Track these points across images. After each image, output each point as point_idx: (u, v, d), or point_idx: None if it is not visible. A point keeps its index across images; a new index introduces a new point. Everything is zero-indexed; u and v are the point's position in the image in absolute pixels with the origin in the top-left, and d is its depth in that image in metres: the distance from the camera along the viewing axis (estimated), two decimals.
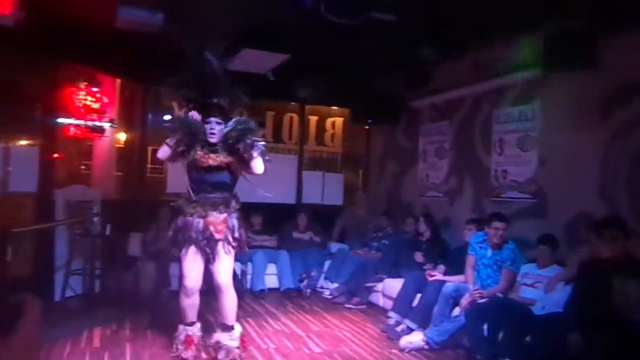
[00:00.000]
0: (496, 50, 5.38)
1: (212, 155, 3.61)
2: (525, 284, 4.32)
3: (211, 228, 3.64)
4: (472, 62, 5.83)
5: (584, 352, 2.78)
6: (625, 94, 4.14)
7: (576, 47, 4.06)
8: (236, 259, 4.16)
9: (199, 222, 3.65)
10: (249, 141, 3.55)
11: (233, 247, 3.73)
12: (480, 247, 4.68)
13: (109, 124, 6.23)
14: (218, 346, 3.74)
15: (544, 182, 4.90)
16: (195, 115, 3.68)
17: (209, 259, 3.69)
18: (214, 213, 3.66)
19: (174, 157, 3.68)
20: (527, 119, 5.12)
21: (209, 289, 3.88)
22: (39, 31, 4.59)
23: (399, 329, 4.69)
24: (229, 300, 3.74)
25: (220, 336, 3.76)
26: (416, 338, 4.35)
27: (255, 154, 3.55)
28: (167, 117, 3.71)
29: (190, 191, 3.67)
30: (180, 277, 3.83)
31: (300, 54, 5.84)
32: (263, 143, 3.66)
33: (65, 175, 6.48)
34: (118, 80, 6.64)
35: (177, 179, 6.90)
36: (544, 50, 4.29)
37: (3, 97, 4.98)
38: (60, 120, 5.71)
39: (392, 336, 4.57)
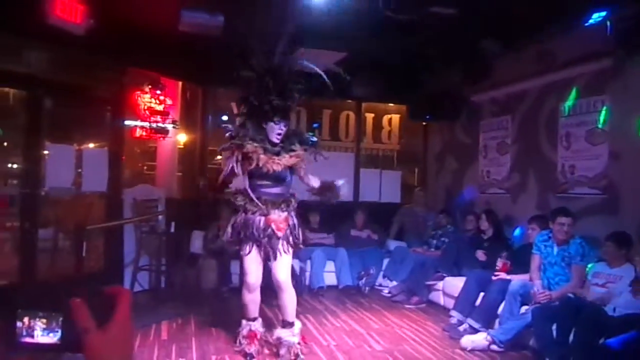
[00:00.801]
0: (560, 39, 5.16)
1: (275, 158, 3.65)
2: (596, 284, 4.12)
3: (273, 226, 3.68)
4: (535, 54, 5.61)
5: None
6: None
7: None
8: (295, 256, 4.25)
9: (261, 220, 3.69)
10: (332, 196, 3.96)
11: (292, 245, 3.79)
12: (545, 245, 4.50)
13: (172, 125, 6.44)
14: (279, 342, 3.79)
15: (616, 177, 4.65)
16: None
17: (268, 257, 3.75)
18: (276, 211, 3.71)
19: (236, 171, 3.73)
20: (596, 111, 4.88)
21: (268, 286, 3.96)
22: (107, 38, 4.82)
23: (461, 328, 4.60)
24: (289, 297, 3.80)
25: (281, 332, 3.81)
26: (479, 337, 4.25)
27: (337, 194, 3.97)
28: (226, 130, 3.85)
29: (249, 190, 3.71)
30: (242, 274, 3.90)
31: (357, 51, 5.83)
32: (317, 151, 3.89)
33: (132, 176, 6.79)
34: (180, 83, 6.85)
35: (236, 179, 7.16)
36: (614, 37, 4.07)
37: (75, 102, 5.28)
38: (127, 122, 5.96)
39: (455, 335, 4.49)
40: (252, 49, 3.72)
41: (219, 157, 7.65)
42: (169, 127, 6.39)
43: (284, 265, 3.76)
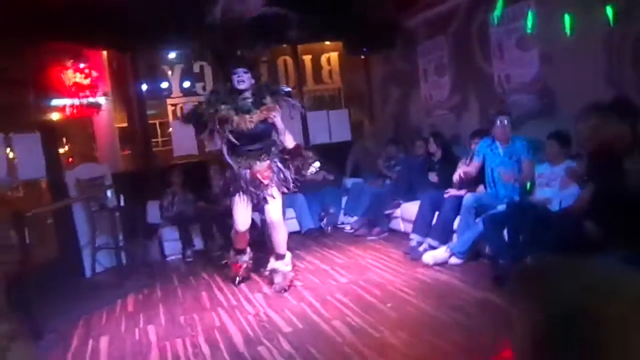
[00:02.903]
0: None
1: (247, 117, 3.94)
2: (540, 184, 4.27)
3: (258, 176, 4.04)
4: None
5: (602, 237, 2.76)
6: None
7: None
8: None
9: (246, 173, 4.04)
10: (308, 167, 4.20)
11: (280, 187, 4.15)
12: (490, 149, 4.59)
13: (104, 98, 6.18)
14: (274, 272, 4.22)
15: (549, 80, 4.74)
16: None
17: (258, 204, 4.15)
18: (258, 162, 4.05)
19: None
20: (524, 16, 4.90)
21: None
22: (15, 14, 4.49)
23: (421, 248, 4.73)
24: (281, 233, 4.23)
25: (275, 264, 4.25)
26: (439, 252, 4.39)
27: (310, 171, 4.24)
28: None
29: (226, 149, 4.03)
30: (233, 221, 4.27)
31: None
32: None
33: (71, 156, 6.54)
34: (104, 53, 6.53)
35: (182, 143, 7.00)
36: None
37: None
38: (54, 101, 5.67)
39: (415, 256, 4.62)
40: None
41: (169, 129, 7.52)
42: (101, 100, 6.12)
43: (276, 207, 4.15)
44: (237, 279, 4.45)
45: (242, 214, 4.16)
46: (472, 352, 2.70)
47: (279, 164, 4.14)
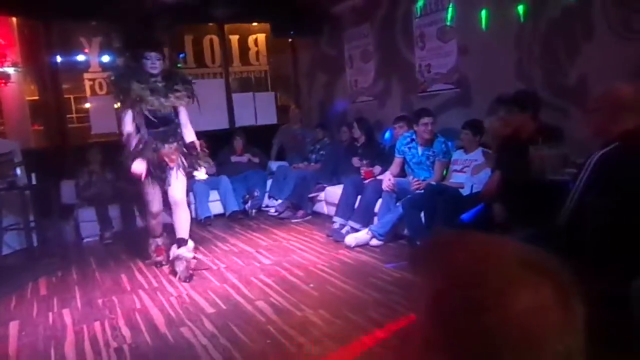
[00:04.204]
0: None
1: (162, 100, 4.00)
2: (455, 170, 4.53)
3: (166, 159, 4.05)
4: None
5: (508, 218, 3.00)
6: None
7: None
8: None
9: (154, 156, 4.03)
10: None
11: (184, 169, 4.16)
12: (409, 147, 4.80)
13: (13, 68, 5.76)
14: (176, 259, 4.08)
15: (466, 71, 5.00)
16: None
17: (165, 184, 4.12)
18: (166, 145, 4.06)
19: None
20: (444, 8, 5.12)
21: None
22: None
23: (343, 231, 4.87)
24: (184, 215, 4.16)
25: (177, 251, 4.09)
26: (361, 234, 4.55)
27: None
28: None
29: (133, 129, 4.04)
30: (145, 204, 4.27)
31: None
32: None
33: None
34: (13, 19, 6.07)
35: (101, 119, 6.70)
36: None
37: None
38: None
39: (338, 238, 4.75)
40: None
41: (87, 104, 7.13)
42: (10, 70, 5.71)
43: (178, 186, 4.12)
44: (161, 261, 4.41)
45: (155, 196, 4.19)
46: (386, 326, 2.86)
47: (184, 148, 4.17)
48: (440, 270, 0.65)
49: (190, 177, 4.33)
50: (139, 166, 3.95)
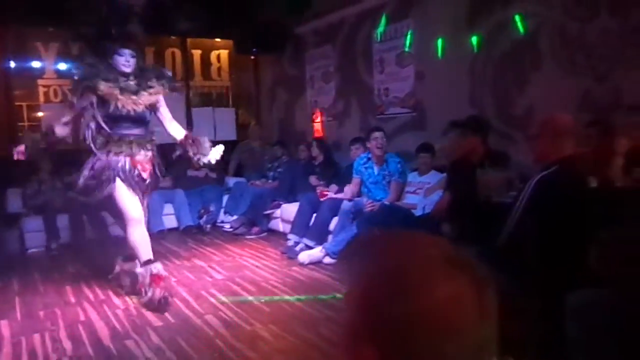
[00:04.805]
0: None
1: (133, 98, 3.55)
2: (408, 192, 4.64)
3: (139, 167, 3.59)
4: None
5: (456, 237, 3.09)
6: (486, 4, 4.39)
7: None
8: None
9: (126, 161, 3.56)
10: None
11: (153, 186, 3.85)
12: (365, 167, 4.90)
13: None
14: (124, 275, 3.86)
15: (422, 95, 5.17)
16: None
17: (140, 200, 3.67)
18: (142, 151, 3.62)
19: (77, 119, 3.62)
20: (403, 35, 5.30)
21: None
22: None
23: (297, 248, 4.88)
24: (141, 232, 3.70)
25: (124, 265, 3.88)
26: (315, 251, 4.57)
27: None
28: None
29: (95, 131, 3.57)
30: (121, 211, 3.63)
31: None
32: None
33: None
34: None
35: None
36: None
37: None
38: None
39: (292, 255, 4.76)
40: None
41: (40, 113, 6.92)
42: None
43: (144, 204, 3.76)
44: (166, 297, 3.53)
45: (131, 199, 3.58)
46: (336, 343, 2.87)
47: (157, 160, 3.79)
48: (368, 263, 0.69)
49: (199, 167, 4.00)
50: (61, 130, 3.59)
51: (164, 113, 3.82)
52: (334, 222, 4.82)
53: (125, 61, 3.58)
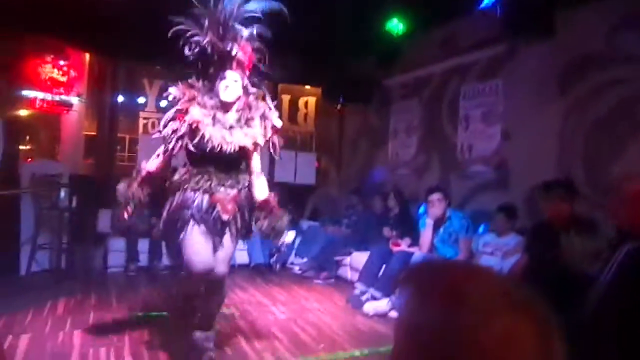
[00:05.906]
0: (462, 24, 5.46)
1: (226, 132, 2.92)
2: (485, 252, 4.43)
3: (218, 207, 2.93)
4: (440, 38, 5.90)
5: None
6: (579, 69, 4.24)
7: (535, 19, 4.14)
8: None
9: (204, 199, 2.93)
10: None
11: (240, 233, 3.09)
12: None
13: (77, 99, 6.16)
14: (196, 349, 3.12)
15: (507, 155, 5.00)
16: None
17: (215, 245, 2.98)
18: (221, 189, 2.96)
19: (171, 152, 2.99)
20: (492, 94, 5.22)
21: None
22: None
23: (363, 298, 4.77)
24: (220, 296, 3.17)
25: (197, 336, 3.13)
26: (381, 304, 4.45)
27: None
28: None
29: (189, 162, 3.02)
30: (186, 259, 2.94)
31: (271, 31, 5.83)
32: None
33: (32, 149, 6.43)
34: (87, 55, 6.55)
35: (148, 157, 6.96)
36: (502, 21, 4.36)
37: None
38: (25, 92, 5.63)
39: (356, 305, 4.65)
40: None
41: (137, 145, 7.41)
42: (74, 100, 6.10)
43: (225, 256, 3.06)
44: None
45: (202, 250, 2.90)
46: None
47: (246, 202, 3.08)
48: (422, 294, 0.65)
49: (246, 238, 3.31)
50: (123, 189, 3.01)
51: (254, 164, 3.16)
52: None
53: (226, 84, 2.94)
